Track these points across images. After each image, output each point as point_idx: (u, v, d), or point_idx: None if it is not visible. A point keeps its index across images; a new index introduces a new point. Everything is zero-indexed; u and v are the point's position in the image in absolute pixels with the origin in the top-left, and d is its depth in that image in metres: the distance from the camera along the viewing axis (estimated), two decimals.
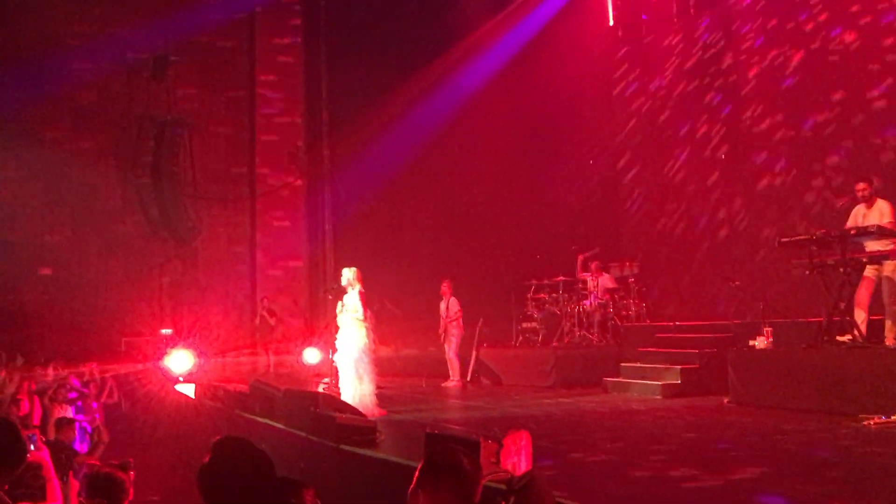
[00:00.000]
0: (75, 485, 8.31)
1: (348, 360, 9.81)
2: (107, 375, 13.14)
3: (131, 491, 4.07)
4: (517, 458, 4.84)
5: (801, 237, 9.29)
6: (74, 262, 17.38)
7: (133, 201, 18.01)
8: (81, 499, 7.92)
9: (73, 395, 12.12)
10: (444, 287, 14.11)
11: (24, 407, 11.01)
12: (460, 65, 17.72)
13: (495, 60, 17.46)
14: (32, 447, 4.21)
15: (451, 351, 13.89)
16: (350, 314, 9.86)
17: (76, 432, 10.41)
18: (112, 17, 17.78)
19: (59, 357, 14.53)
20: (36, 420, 10.79)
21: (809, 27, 12.70)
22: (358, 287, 9.92)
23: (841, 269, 8.80)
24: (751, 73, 13.74)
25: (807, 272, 9.19)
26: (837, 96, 12.10)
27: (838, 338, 8.73)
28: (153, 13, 17.92)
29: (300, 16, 19.74)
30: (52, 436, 9.06)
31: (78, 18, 17.52)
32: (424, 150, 17.54)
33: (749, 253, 13.41)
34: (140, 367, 14.95)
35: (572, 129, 17.14)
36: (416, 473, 2.63)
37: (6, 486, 3.59)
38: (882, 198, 9.04)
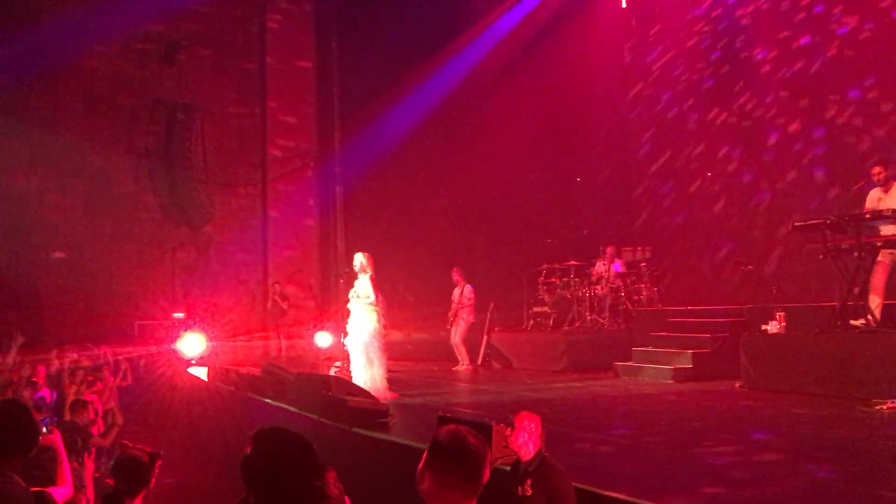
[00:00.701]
0: (90, 466, 8.39)
1: (359, 344, 9.85)
2: (120, 358, 13.22)
3: (153, 481, 4.10)
4: (527, 441, 4.86)
5: (815, 221, 9.21)
6: (87, 247, 17.46)
7: (145, 186, 18.06)
8: (97, 475, 7.99)
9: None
10: (455, 275, 14.11)
11: (40, 390, 11.11)
12: (472, 50, 17.65)
13: (507, 46, 17.38)
14: (45, 430, 4.24)
15: (457, 336, 13.91)
16: (361, 299, 9.88)
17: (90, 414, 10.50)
18: (124, 1, 17.76)
19: (72, 340, 14.66)
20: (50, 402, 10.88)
21: (822, 8, 12.57)
22: (370, 272, 9.93)
23: (855, 254, 8.74)
24: (768, 57, 13.60)
25: (820, 256, 9.13)
26: (865, 82, 11.91)
27: (852, 322, 8.69)
28: None
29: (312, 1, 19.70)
30: (67, 417, 9.12)
31: (90, 3, 17.50)
32: (436, 134, 17.51)
33: (762, 237, 13.34)
34: (153, 350, 15.05)
35: (585, 114, 17.06)
36: (424, 454, 2.63)
37: (19, 469, 3.61)
38: None
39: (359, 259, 10.06)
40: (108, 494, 3.98)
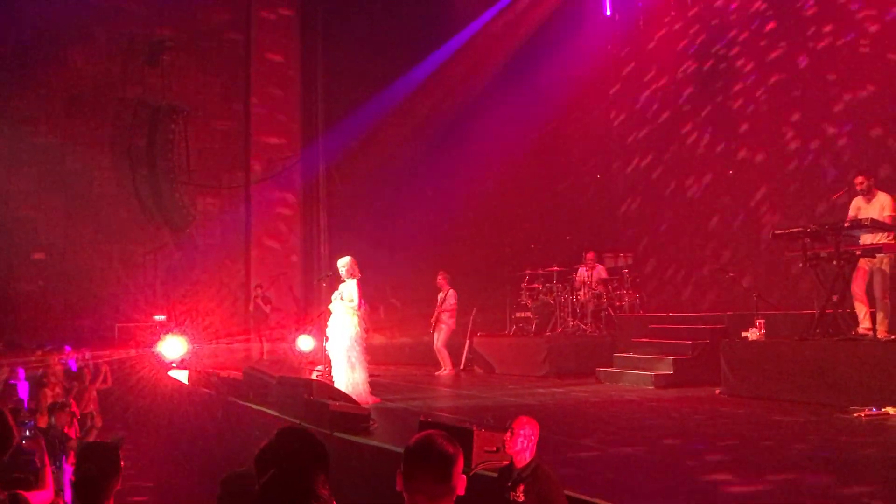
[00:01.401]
0: (69, 469, 8.31)
1: (341, 348, 9.83)
2: (101, 361, 13.13)
3: (121, 463, 4.01)
4: (524, 447, 4.86)
5: (795, 229, 9.29)
6: (68, 248, 17.33)
7: (127, 187, 17.94)
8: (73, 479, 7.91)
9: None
10: (440, 279, 14.12)
11: (19, 392, 11.02)
12: (457, 56, 17.68)
13: (492, 53, 17.44)
14: (28, 433, 4.19)
15: (439, 342, 13.90)
16: (345, 302, 9.87)
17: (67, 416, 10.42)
18: (107, 2, 17.69)
19: (51, 342, 14.54)
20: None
21: (811, 13, 12.70)
22: (357, 276, 9.92)
23: (834, 262, 8.83)
24: (749, 66, 13.73)
25: (800, 265, 9.21)
26: (845, 92, 12.04)
27: (861, 330, 8.70)
28: None
29: (295, 3, 19.67)
30: (44, 422, 9.05)
31: (74, 4, 17.40)
32: (421, 139, 17.52)
33: (743, 245, 13.44)
34: (133, 352, 14.94)
35: (569, 120, 17.14)
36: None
37: None
38: (883, 191, 9.01)
39: (343, 263, 10.04)
40: (76, 481, 3.85)
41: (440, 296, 14.09)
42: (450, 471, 2.57)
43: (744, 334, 9.79)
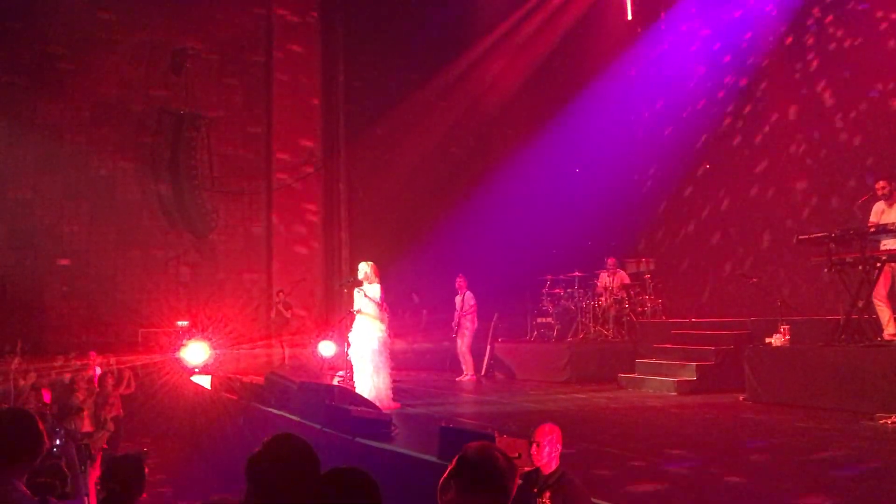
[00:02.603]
0: (94, 474, 8.38)
1: (364, 353, 9.84)
2: (124, 367, 13.24)
3: (146, 475, 4.07)
4: (549, 454, 4.84)
5: (819, 234, 9.20)
6: (93, 254, 17.50)
7: (151, 194, 18.11)
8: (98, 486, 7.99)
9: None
10: (459, 281, 14.12)
11: (46, 397, 11.14)
12: (479, 59, 17.70)
13: (513, 55, 17.44)
14: (59, 441, 4.23)
15: (463, 345, 13.90)
16: (367, 308, 9.88)
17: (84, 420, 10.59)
18: (131, 10, 17.88)
19: (76, 347, 14.69)
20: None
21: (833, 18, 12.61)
22: (377, 281, 9.93)
23: (859, 267, 8.73)
24: (773, 70, 13.63)
25: (825, 270, 9.12)
26: (870, 92, 11.93)
27: (887, 335, 8.60)
28: (172, 6, 18.06)
29: (317, 9, 19.77)
30: (71, 426, 9.15)
31: (98, 11, 17.61)
32: (441, 145, 17.54)
33: (767, 250, 13.32)
34: (157, 358, 15.06)
35: (590, 125, 17.07)
36: (451, 466, 2.61)
37: (24, 477, 3.61)
38: None
39: (363, 269, 10.07)
40: (102, 499, 3.95)
41: (458, 299, 14.09)
42: (510, 486, 2.54)
43: (768, 340, 9.69)
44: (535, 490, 4.81)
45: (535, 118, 17.40)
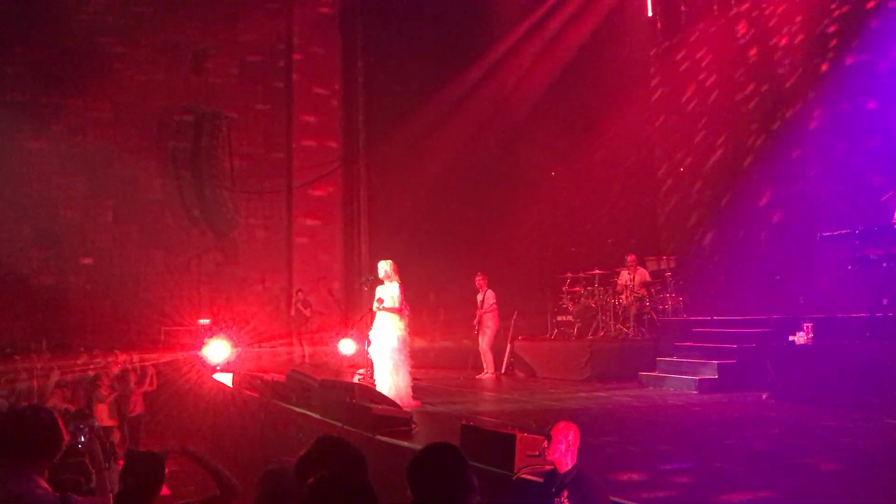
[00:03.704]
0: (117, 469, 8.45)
1: (384, 351, 9.85)
2: (147, 364, 13.35)
3: (165, 474, 4.09)
4: (565, 452, 4.80)
5: (843, 231, 9.11)
6: (116, 253, 17.69)
7: (172, 193, 18.28)
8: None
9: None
10: (479, 279, 14.10)
11: (69, 394, 11.25)
12: (499, 58, 17.68)
13: (533, 55, 17.41)
14: (83, 438, 4.27)
15: (484, 343, 13.89)
16: (386, 305, 9.89)
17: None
18: (152, 11, 18.03)
19: (99, 345, 14.84)
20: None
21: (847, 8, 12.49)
22: (396, 279, 9.94)
23: (884, 264, 8.63)
24: (794, 65, 13.50)
25: (849, 267, 9.02)
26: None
27: None
28: (193, 7, 18.20)
29: (337, 11, 19.83)
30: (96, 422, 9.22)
31: (119, 13, 17.78)
32: (460, 143, 17.53)
33: (789, 247, 13.19)
34: (179, 356, 15.17)
35: (609, 122, 17.00)
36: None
37: (45, 473, 3.64)
38: None
39: (383, 267, 10.08)
40: (119, 492, 3.96)
41: (479, 297, 14.08)
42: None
43: (791, 338, 9.58)
44: (554, 490, 4.78)
45: (554, 113, 17.35)
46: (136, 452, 4.14)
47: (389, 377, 9.75)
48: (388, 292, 9.90)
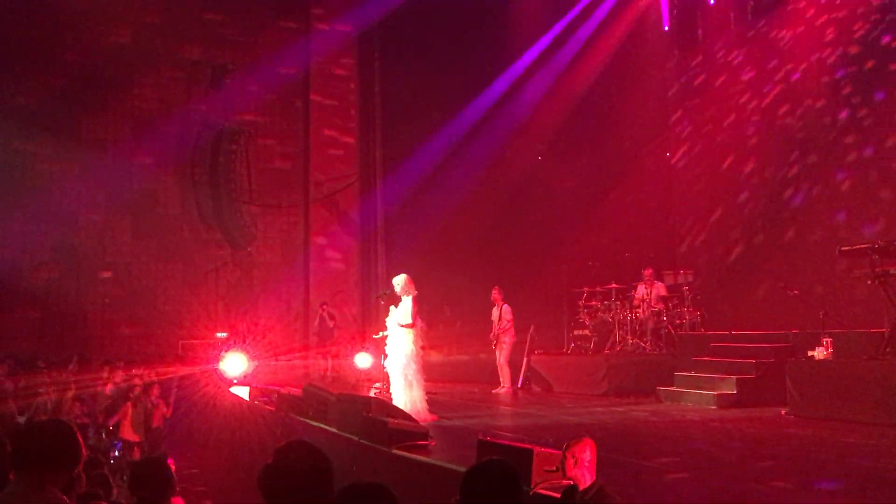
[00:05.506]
0: None
1: (398, 365, 9.87)
2: (168, 378, 13.42)
3: (173, 473, 4.11)
4: (582, 469, 4.77)
5: (863, 245, 9.05)
6: (134, 267, 17.81)
7: (191, 207, 18.41)
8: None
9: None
10: (495, 294, 14.08)
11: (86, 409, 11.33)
12: (514, 72, 17.74)
13: (550, 69, 17.44)
14: (117, 453, 4.32)
15: (502, 357, 13.86)
16: (398, 320, 9.91)
17: None
18: (170, 26, 18.23)
19: (118, 359, 14.93)
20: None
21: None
22: (412, 293, 9.96)
23: None
24: (808, 79, 13.46)
25: (868, 282, 8.95)
26: None
27: None
28: (212, 23, 18.40)
29: (355, 29, 19.96)
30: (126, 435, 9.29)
31: (137, 29, 17.98)
32: (477, 157, 17.57)
33: (809, 261, 13.11)
34: (196, 369, 15.22)
35: (627, 136, 17.00)
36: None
37: (62, 485, 3.66)
38: None
39: (398, 282, 10.10)
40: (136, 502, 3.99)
41: (494, 311, 14.06)
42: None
43: (810, 353, 9.51)
44: None
45: (571, 128, 17.38)
46: (138, 463, 4.17)
47: (405, 392, 9.76)
48: (402, 308, 9.93)
